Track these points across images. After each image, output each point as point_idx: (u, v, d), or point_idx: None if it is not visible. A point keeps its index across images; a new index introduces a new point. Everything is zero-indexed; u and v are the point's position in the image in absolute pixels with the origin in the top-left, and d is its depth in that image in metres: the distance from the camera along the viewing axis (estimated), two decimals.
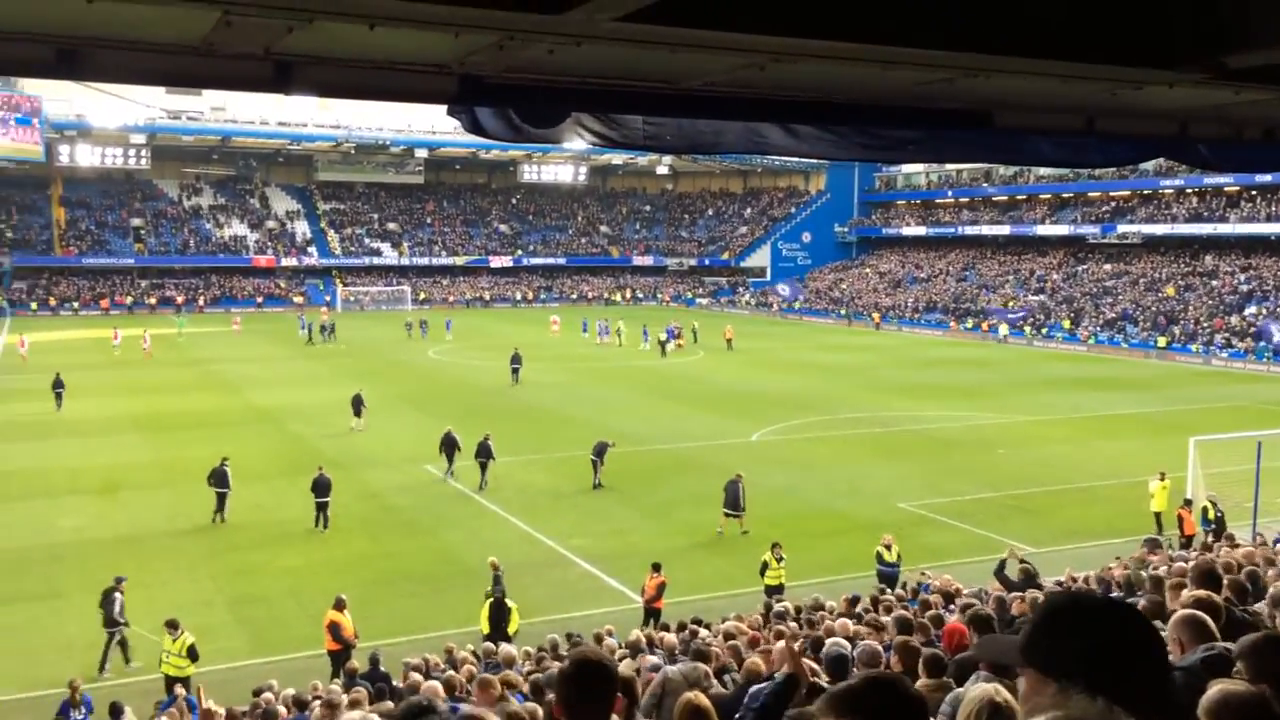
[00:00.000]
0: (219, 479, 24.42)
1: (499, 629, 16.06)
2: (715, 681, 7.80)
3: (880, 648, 7.67)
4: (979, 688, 3.26)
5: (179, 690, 13.54)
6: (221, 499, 24.38)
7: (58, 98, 76.78)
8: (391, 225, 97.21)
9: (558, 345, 60.11)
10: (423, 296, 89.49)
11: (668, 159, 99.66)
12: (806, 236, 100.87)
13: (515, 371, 45.81)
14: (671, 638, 12.28)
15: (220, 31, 3.54)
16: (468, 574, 20.81)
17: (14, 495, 26.40)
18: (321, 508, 23.80)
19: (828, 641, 8.28)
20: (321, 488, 23.89)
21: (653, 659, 10.28)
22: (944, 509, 25.58)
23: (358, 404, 35.03)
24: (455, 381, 46.46)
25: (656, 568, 18.03)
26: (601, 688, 3.09)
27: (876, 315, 78.33)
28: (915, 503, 26.15)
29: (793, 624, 12.74)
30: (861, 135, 6.12)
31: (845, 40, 3.78)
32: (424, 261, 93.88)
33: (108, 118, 78.38)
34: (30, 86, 74.30)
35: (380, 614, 17.89)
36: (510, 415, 35.46)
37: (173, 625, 15.05)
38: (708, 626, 14.00)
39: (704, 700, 4.84)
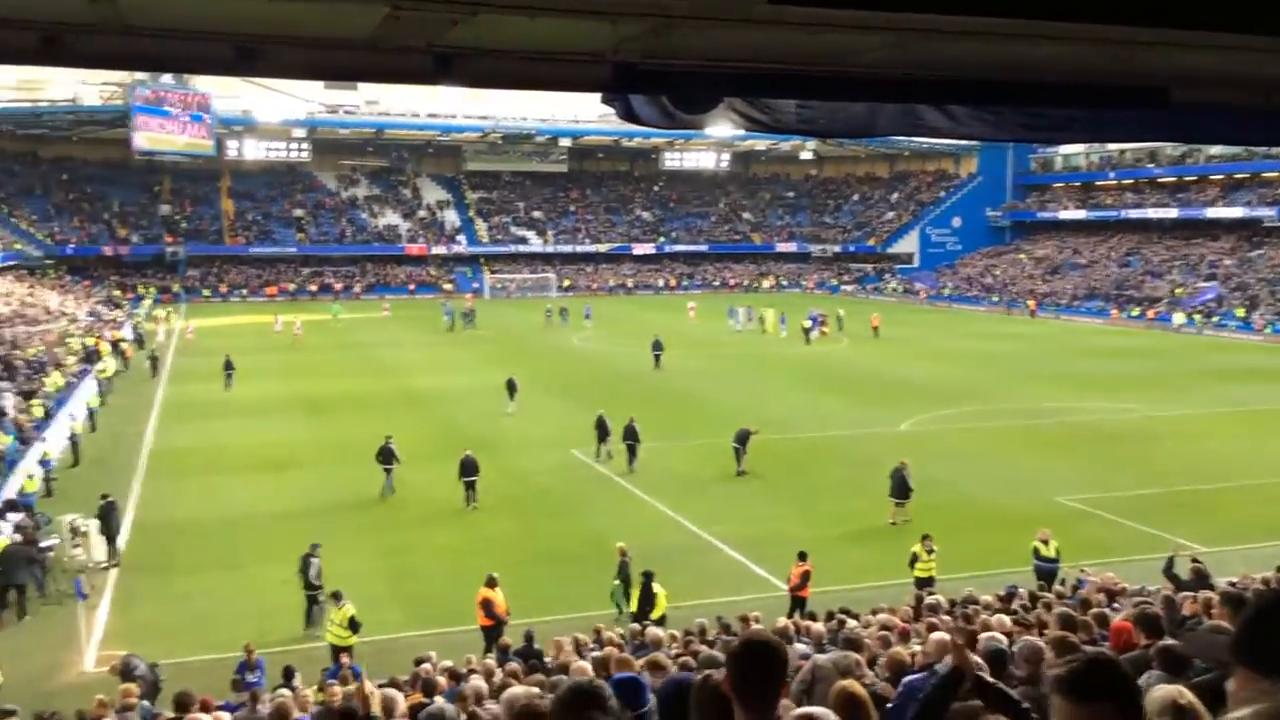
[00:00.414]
0: (385, 456, 25.87)
1: (644, 612, 16.21)
2: (868, 671, 7.69)
3: (1042, 644, 7.41)
4: (1162, 689, 3.13)
5: (344, 659, 14.15)
6: (388, 474, 25.85)
7: (226, 94, 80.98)
8: (536, 213, 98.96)
9: (698, 332, 60.09)
10: (567, 284, 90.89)
11: (812, 143, 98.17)
12: (956, 221, 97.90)
13: (657, 358, 46.20)
14: (819, 627, 12.16)
15: (387, 26, 3.67)
16: (612, 556, 21.07)
17: (193, 470, 28.12)
18: (469, 486, 24.67)
19: (983, 636, 8.05)
20: (468, 468, 24.75)
21: (801, 647, 10.21)
22: (1105, 504, 24.52)
23: (512, 387, 36.07)
24: (599, 367, 47.06)
25: (802, 556, 17.89)
26: (770, 668, 3.12)
27: (1032, 302, 75.50)
28: (1074, 497, 25.16)
29: (945, 617, 12.45)
30: (1022, 115, 5.88)
31: (1010, 16, 3.64)
32: (568, 249, 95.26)
33: (272, 113, 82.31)
34: (201, 84, 78.47)
35: (528, 593, 18.29)
36: (653, 401, 35.64)
37: (337, 596, 15.76)
38: (856, 617, 13.82)
39: (859, 689, 4.78)
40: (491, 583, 16.57)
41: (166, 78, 76.18)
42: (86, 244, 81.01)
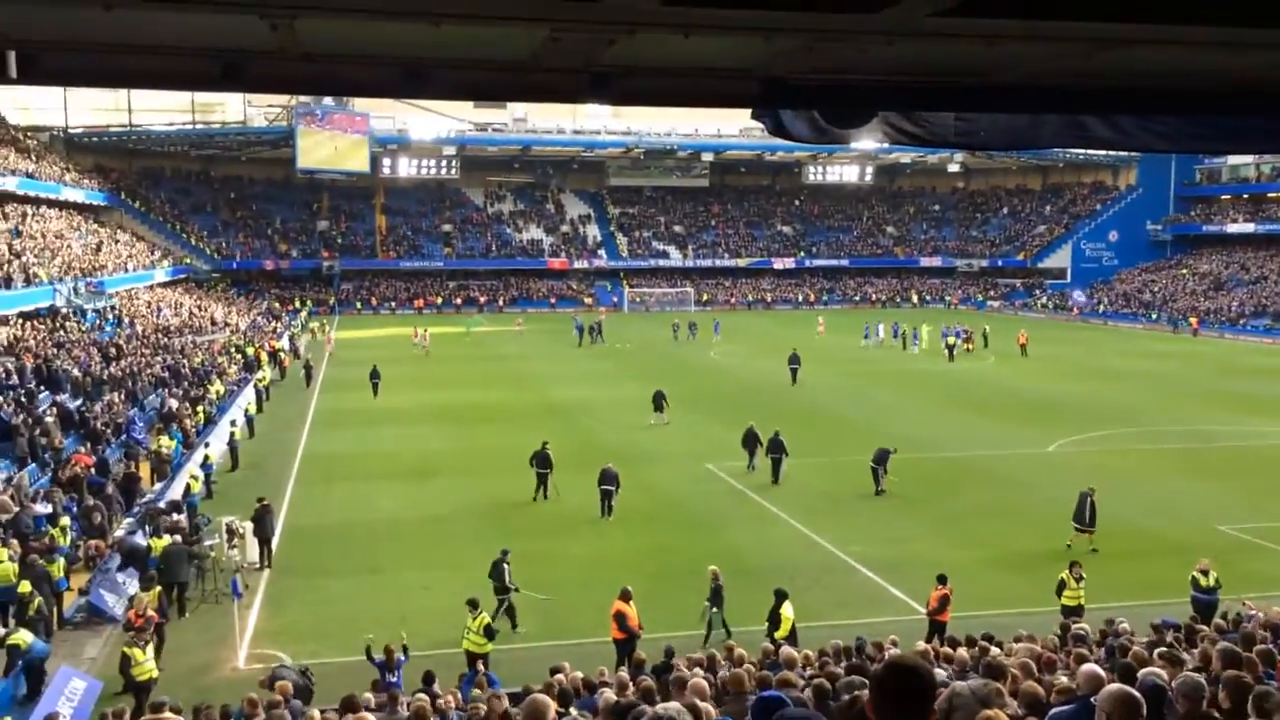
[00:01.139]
0: (541, 461, 26.67)
1: (769, 631, 16.01)
2: (1010, 701, 7.40)
3: (1203, 680, 7.00)
4: None
5: (479, 666, 14.44)
6: (543, 479, 26.62)
7: (382, 114, 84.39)
8: (677, 228, 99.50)
9: (833, 347, 59.16)
10: (705, 298, 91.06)
11: (960, 156, 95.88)
12: (1113, 235, 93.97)
13: (794, 372, 45.83)
14: (962, 653, 11.78)
15: (547, 47, 3.75)
16: (747, 573, 20.88)
17: (341, 476, 29.21)
18: (606, 496, 24.96)
19: (1141, 671, 7.65)
20: (608, 479, 25.04)
21: (940, 673, 9.91)
22: (1271, 534, 23.06)
23: (659, 400, 36.50)
24: (734, 381, 46.89)
25: (942, 579, 17.39)
26: (915, 693, 3.01)
27: (1194, 319, 71.76)
28: (1238, 526, 23.74)
29: (1098, 649, 11.90)
30: (1196, 125, 5.58)
31: (1190, 24, 3.47)
32: (707, 263, 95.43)
33: (424, 131, 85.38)
34: (358, 104, 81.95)
35: (661, 607, 18.29)
36: (789, 417, 35.12)
37: (473, 604, 16.07)
38: (999, 644, 13.34)
39: (1003, 718, 4.60)
40: (625, 596, 16.62)
41: (328, 99, 79.89)
42: (250, 258, 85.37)
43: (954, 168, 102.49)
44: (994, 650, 12.44)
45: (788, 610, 16.19)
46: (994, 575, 20.82)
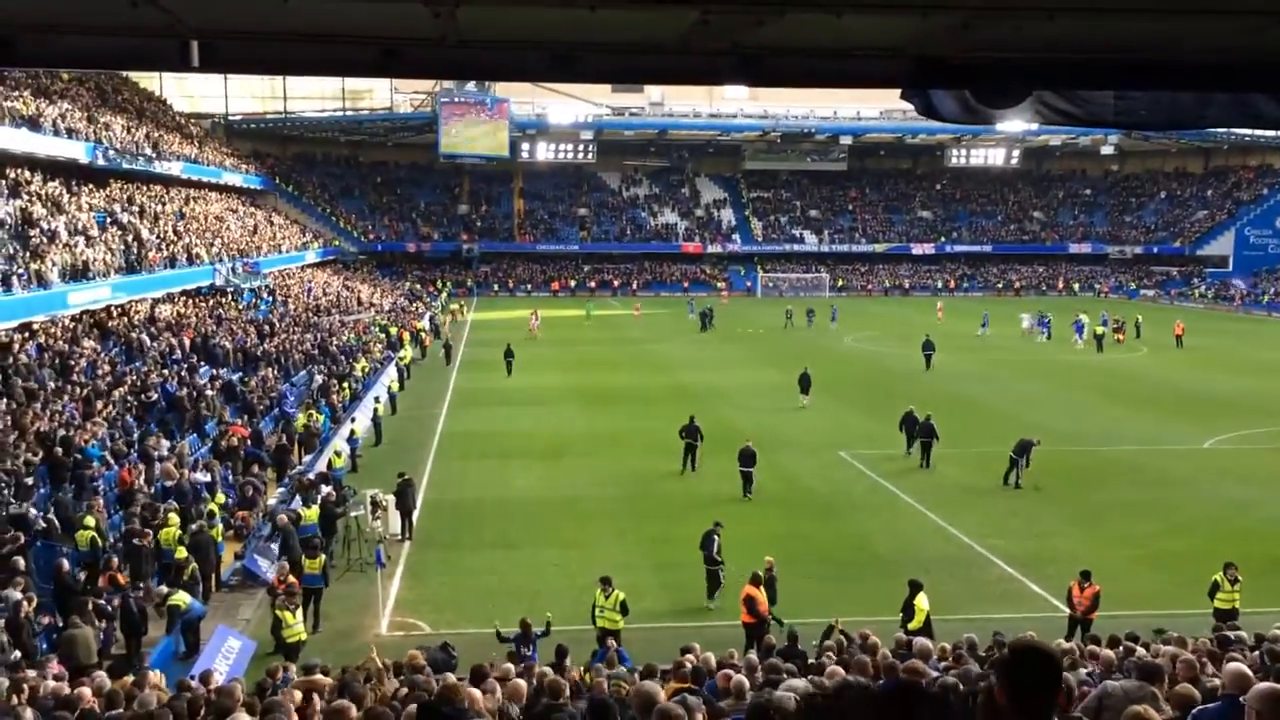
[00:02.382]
0: (690, 432, 27.51)
1: (903, 622, 15.75)
2: (1165, 706, 7.12)
3: None
4: None
5: (610, 642, 14.65)
6: (690, 450, 27.46)
7: (521, 99, 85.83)
8: (813, 213, 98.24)
9: (958, 334, 57.15)
10: (840, 284, 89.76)
11: (1114, 138, 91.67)
12: None
13: (928, 358, 44.97)
14: (1107, 653, 11.38)
15: (697, 30, 3.76)
16: (879, 562, 20.66)
17: (476, 454, 29.98)
18: (746, 477, 25.14)
19: None
20: (746, 458, 25.26)
21: (1083, 672, 9.60)
22: None
23: (805, 382, 36.73)
24: (866, 368, 46.18)
25: (1086, 576, 16.79)
26: (1045, 676, 2.96)
27: None
28: None
29: (1251, 654, 11.31)
30: None
31: None
32: (844, 248, 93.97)
33: (563, 116, 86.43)
34: (499, 89, 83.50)
35: (791, 592, 18.22)
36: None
37: (606, 582, 16.29)
38: (1145, 645, 12.81)
39: (1155, 716, 4.44)
40: (756, 581, 16.62)
41: (470, 85, 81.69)
42: (394, 241, 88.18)
43: (1107, 150, 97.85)
44: (1140, 651, 11.97)
45: (923, 602, 15.89)
46: (1141, 574, 19.99)
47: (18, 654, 13.17)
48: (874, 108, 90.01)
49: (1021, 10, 3.58)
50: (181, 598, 16.26)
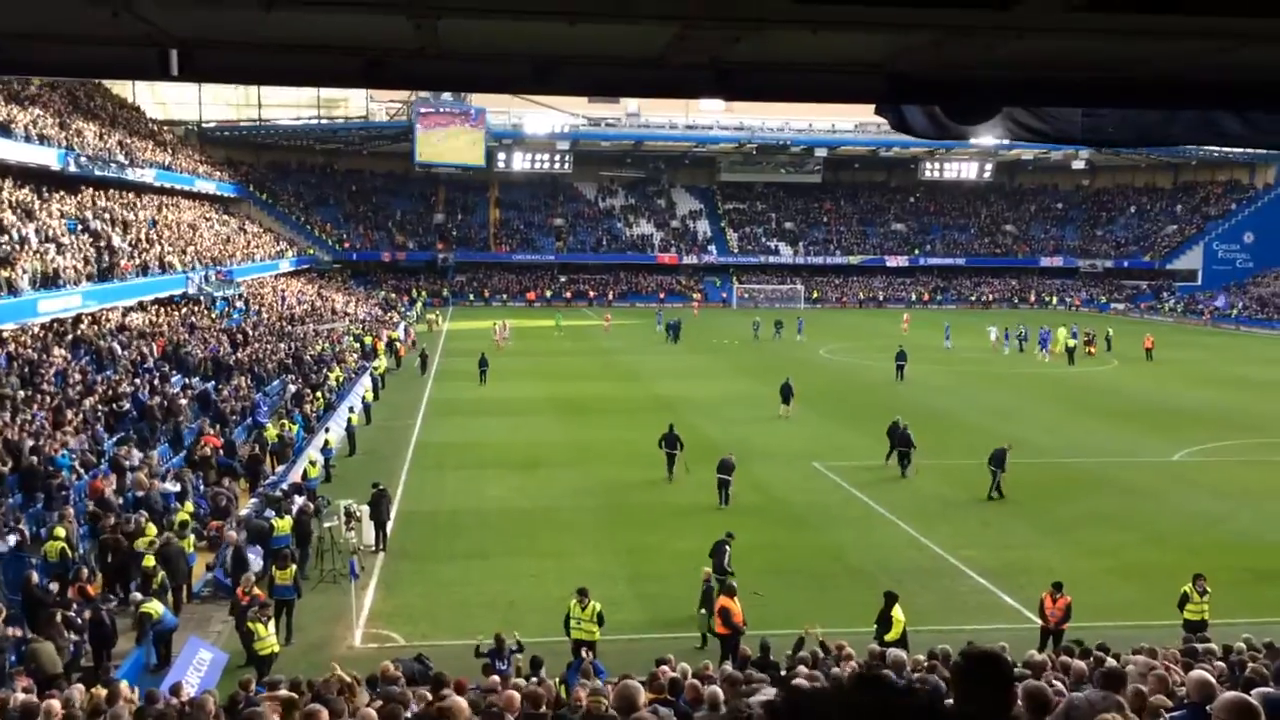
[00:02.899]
0: (670, 441, 27.79)
1: (880, 633, 15.81)
2: (1134, 716, 7.21)
3: None
4: None
5: (585, 654, 14.63)
6: (671, 459, 27.70)
7: (498, 109, 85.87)
8: (788, 224, 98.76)
9: (930, 347, 57.51)
10: (815, 295, 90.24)
11: (1085, 153, 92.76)
12: (1249, 237, 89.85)
13: (900, 369, 45.28)
14: (1079, 664, 11.48)
15: (675, 45, 3.81)
16: (853, 573, 20.75)
17: (451, 464, 29.88)
18: (723, 485, 25.30)
19: (1259, 690, 7.36)
20: (726, 468, 25.44)
21: (1057, 684, 9.68)
22: None
23: (787, 391, 36.80)
24: (838, 379, 46.41)
25: (1058, 587, 16.93)
26: (994, 678, 3.01)
27: None
28: None
29: (1218, 664, 11.46)
30: None
31: None
32: (818, 260, 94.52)
33: (539, 126, 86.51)
34: (475, 99, 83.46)
35: (764, 603, 18.29)
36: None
37: (583, 593, 16.23)
38: (1116, 656, 12.93)
39: None
40: (731, 592, 16.64)
41: (446, 95, 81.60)
42: (369, 250, 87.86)
43: (1078, 165, 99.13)
44: (1110, 661, 12.08)
45: (899, 613, 15.96)
46: (1112, 585, 20.17)
47: None
48: (849, 121, 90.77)
49: (991, 29, 3.65)
50: (154, 606, 16.10)
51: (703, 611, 17.37)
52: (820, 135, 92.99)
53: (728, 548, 18.96)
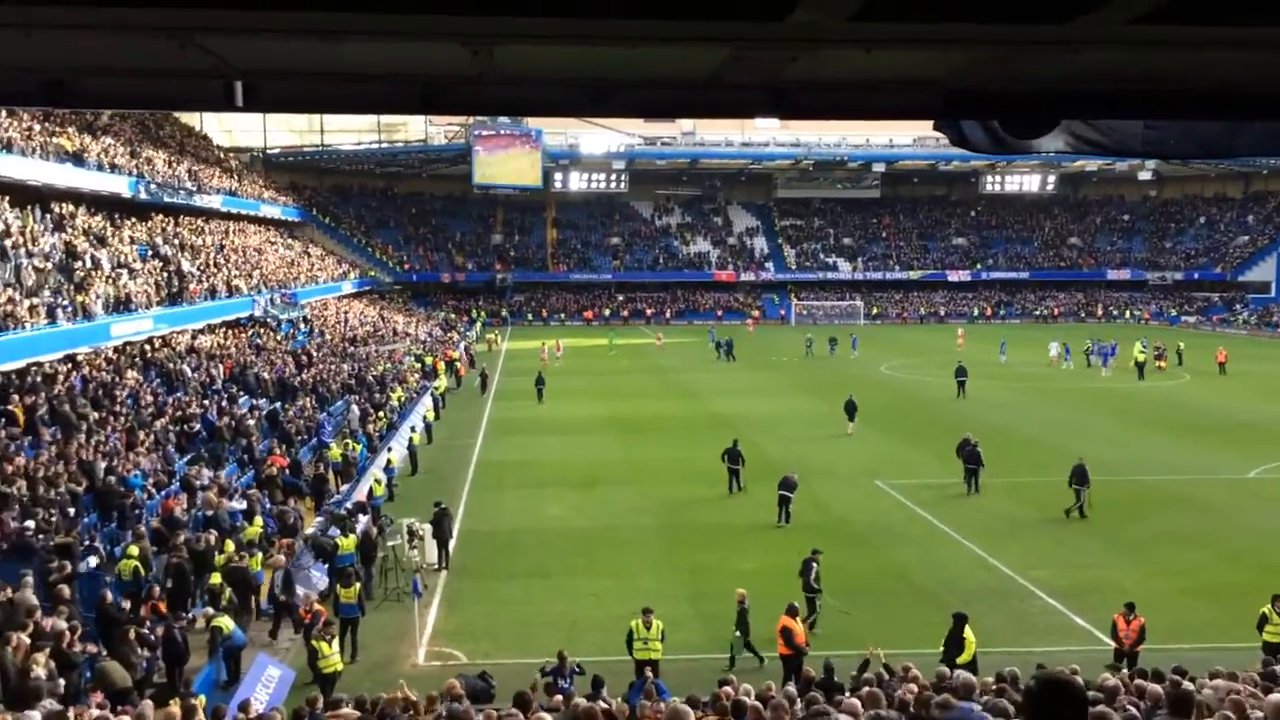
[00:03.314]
0: (732, 457, 28.10)
1: (951, 655, 15.52)
2: None
3: None
4: None
5: (648, 673, 14.58)
6: (734, 474, 27.95)
7: (554, 130, 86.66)
8: (846, 240, 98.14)
9: (984, 363, 56.50)
10: (875, 311, 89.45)
11: (1151, 163, 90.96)
12: None
13: (961, 384, 44.67)
14: (1155, 687, 11.18)
15: (729, 66, 3.81)
16: (917, 593, 20.44)
17: (511, 483, 30.05)
18: (784, 503, 25.11)
19: None
20: (788, 485, 25.27)
21: (1131, 710, 9.43)
22: None
23: (851, 408, 36.68)
24: (902, 396, 45.84)
25: (1131, 608, 16.52)
26: (1070, 709, 2.94)
27: None
28: None
29: None
30: None
31: None
32: (877, 276, 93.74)
33: (595, 146, 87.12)
34: (532, 121, 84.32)
35: (826, 624, 18.12)
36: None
37: (647, 612, 16.19)
38: (1192, 679, 12.56)
39: None
40: (792, 612, 16.47)
41: (503, 118, 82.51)
42: (429, 271, 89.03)
43: (1145, 175, 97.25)
44: (1186, 684, 11.74)
45: (970, 634, 15.68)
46: (1187, 606, 19.63)
47: (63, 683, 13.30)
48: (907, 135, 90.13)
49: (1050, 43, 3.59)
50: (225, 621, 16.41)
51: (737, 634, 17.20)
52: (878, 150, 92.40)
53: (815, 564, 18.85)
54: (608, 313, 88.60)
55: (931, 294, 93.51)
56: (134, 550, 18.18)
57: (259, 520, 22.03)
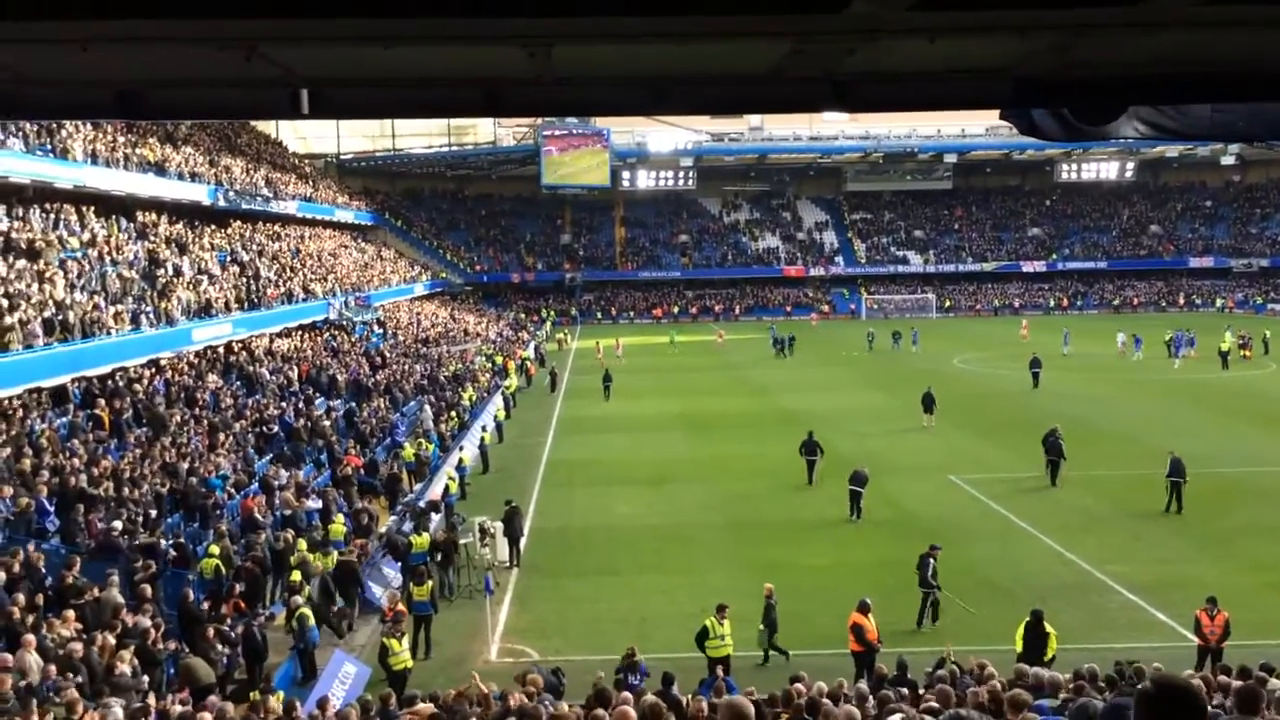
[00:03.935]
0: (809, 448, 28.52)
1: (1033, 652, 15.21)
2: None
3: None
4: None
5: (719, 671, 14.56)
6: (811, 465, 28.41)
7: (621, 129, 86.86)
8: (918, 233, 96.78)
9: (1053, 355, 55.21)
10: (947, 304, 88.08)
11: (1234, 148, 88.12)
12: None
13: (1035, 375, 43.86)
14: (1238, 684, 10.83)
15: (789, 61, 3.78)
16: (993, 589, 20.11)
17: (581, 481, 30.21)
18: (855, 498, 25.03)
19: None
20: (859, 480, 25.19)
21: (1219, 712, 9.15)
22: None
23: (929, 402, 36.42)
24: (975, 389, 45.02)
25: (1213, 602, 16.06)
26: (1186, 713, 2.85)
27: None
28: None
29: None
30: None
31: None
32: (949, 268, 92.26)
33: (662, 144, 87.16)
34: (599, 120, 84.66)
35: (897, 620, 17.87)
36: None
37: (721, 609, 16.19)
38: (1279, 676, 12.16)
39: None
40: (864, 608, 16.30)
41: (570, 118, 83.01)
42: (499, 271, 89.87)
43: (1228, 160, 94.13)
44: (1273, 682, 11.38)
45: (1049, 628, 15.39)
46: (1274, 601, 19.03)
47: (146, 680, 13.70)
48: (979, 125, 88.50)
49: (1117, 27, 3.50)
50: (308, 611, 16.76)
51: (762, 628, 17.06)
52: (949, 140, 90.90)
53: (933, 560, 18.55)
54: (676, 310, 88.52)
55: (1006, 285, 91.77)
56: (215, 549, 18.66)
57: (340, 518, 22.45)
